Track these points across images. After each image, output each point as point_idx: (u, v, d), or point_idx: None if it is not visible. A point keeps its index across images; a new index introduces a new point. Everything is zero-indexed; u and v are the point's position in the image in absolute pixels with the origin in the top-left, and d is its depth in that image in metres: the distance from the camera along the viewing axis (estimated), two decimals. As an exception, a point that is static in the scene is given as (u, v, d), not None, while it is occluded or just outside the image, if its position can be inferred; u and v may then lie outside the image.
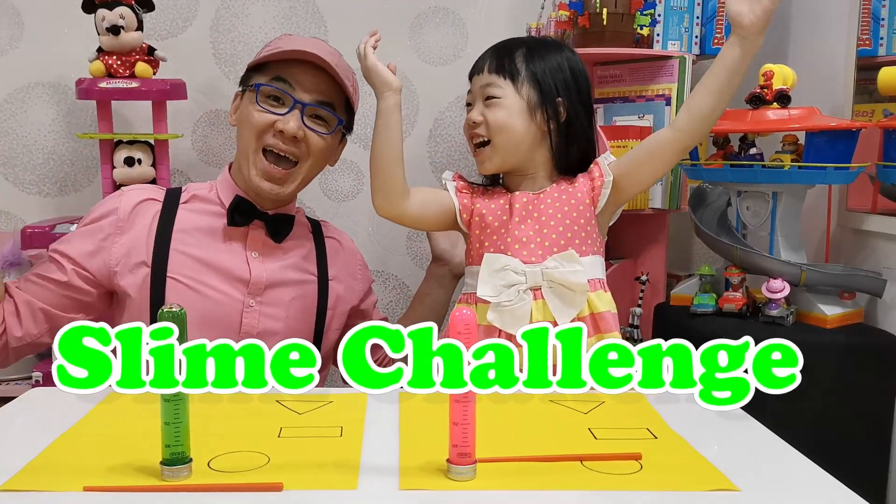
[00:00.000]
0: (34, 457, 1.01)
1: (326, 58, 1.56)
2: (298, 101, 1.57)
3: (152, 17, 2.23)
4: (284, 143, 1.57)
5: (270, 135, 1.57)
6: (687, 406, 1.30)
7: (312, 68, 1.58)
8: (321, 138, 1.60)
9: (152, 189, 1.66)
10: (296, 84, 1.57)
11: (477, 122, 1.50)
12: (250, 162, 1.59)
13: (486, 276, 1.49)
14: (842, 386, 1.72)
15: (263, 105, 1.57)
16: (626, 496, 0.94)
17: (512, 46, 1.54)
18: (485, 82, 1.51)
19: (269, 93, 1.58)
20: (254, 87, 1.59)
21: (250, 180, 1.59)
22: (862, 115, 1.97)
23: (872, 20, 1.95)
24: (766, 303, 1.80)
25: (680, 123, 1.43)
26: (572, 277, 1.46)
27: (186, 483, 0.94)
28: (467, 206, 1.56)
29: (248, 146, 1.59)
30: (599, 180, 1.51)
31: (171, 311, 0.93)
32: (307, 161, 1.61)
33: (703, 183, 2.06)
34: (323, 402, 1.26)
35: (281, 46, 1.59)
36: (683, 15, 2.22)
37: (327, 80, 1.59)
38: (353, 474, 0.97)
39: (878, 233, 1.92)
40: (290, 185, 1.61)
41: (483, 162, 1.52)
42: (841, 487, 0.98)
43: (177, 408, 0.94)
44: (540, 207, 1.50)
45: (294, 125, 1.55)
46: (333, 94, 1.61)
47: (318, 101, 1.59)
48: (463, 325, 0.93)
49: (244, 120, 1.61)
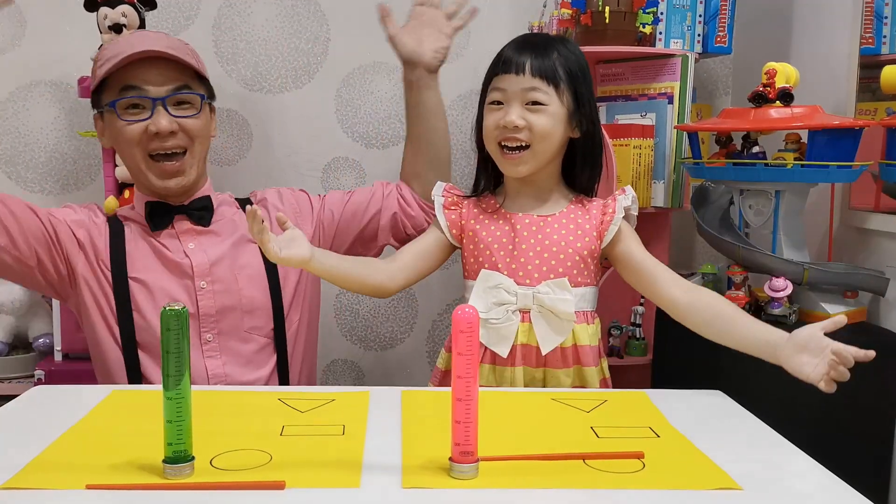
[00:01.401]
0: (36, 455, 1.01)
1: (158, 46, 1.58)
2: (156, 98, 1.58)
3: (154, 15, 2.23)
4: (166, 142, 1.59)
5: (148, 140, 1.59)
6: (689, 404, 1.30)
7: (151, 63, 1.59)
8: (194, 119, 1.63)
9: (89, 207, 1.71)
10: (145, 84, 1.58)
11: (519, 127, 1.46)
12: (145, 172, 1.62)
13: (479, 292, 1.50)
14: (844, 384, 1.70)
15: (128, 118, 1.59)
16: (628, 495, 0.94)
17: (546, 46, 1.49)
18: (528, 85, 1.46)
19: (126, 104, 1.59)
20: (110, 107, 1.60)
21: (154, 186, 1.63)
22: (865, 113, 1.97)
23: (875, 18, 1.95)
24: (768, 301, 1.79)
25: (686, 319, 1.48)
26: (560, 306, 1.46)
27: (189, 481, 0.94)
28: (456, 222, 1.57)
29: (135, 160, 1.62)
30: (610, 216, 1.52)
31: (173, 310, 0.93)
32: (194, 144, 1.63)
33: (706, 181, 2.06)
34: (325, 400, 1.26)
35: (111, 58, 1.59)
36: (686, 13, 2.22)
37: (170, 66, 1.60)
38: (356, 473, 0.97)
39: (881, 231, 1.91)
40: (191, 171, 1.64)
41: (518, 165, 1.49)
42: (843, 486, 0.98)
43: (179, 406, 0.94)
44: (546, 231, 1.51)
45: (165, 122, 1.58)
46: (183, 76, 1.62)
47: (173, 89, 1.60)
48: (466, 324, 0.93)
49: (118, 139, 1.62)
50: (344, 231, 1.82)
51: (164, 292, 1.60)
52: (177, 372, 0.93)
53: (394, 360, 2.55)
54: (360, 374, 2.54)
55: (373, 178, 2.43)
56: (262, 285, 1.67)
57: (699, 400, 1.34)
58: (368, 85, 2.44)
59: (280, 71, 2.40)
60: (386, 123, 2.45)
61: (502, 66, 1.49)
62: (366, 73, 2.43)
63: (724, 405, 1.31)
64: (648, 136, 2.17)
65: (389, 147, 2.46)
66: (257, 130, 2.41)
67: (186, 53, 1.63)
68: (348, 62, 2.42)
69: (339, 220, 1.82)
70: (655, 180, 2.20)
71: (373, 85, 2.44)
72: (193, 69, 1.64)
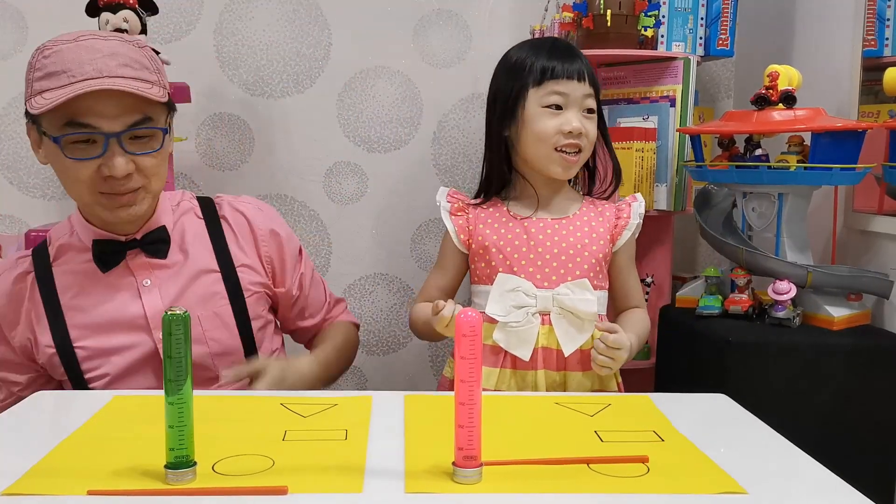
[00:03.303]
0: (38, 461, 1.00)
1: (113, 74, 1.33)
2: (111, 135, 1.34)
3: (156, 21, 2.23)
4: (120, 185, 1.38)
5: (101, 180, 1.37)
6: (694, 408, 1.30)
7: (107, 90, 1.32)
8: (153, 157, 1.40)
9: (17, 264, 1.52)
10: (96, 118, 1.33)
11: (582, 133, 1.52)
12: (92, 205, 1.43)
13: (496, 296, 1.51)
14: (849, 388, 1.71)
15: (74, 156, 1.35)
16: (632, 499, 0.93)
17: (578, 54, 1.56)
18: (587, 92, 1.53)
19: (73, 140, 1.34)
20: (53, 141, 1.35)
21: (102, 217, 1.44)
22: (868, 115, 1.96)
23: (878, 20, 1.94)
24: (772, 304, 1.79)
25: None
26: (582, 306, 1.48)
27: (191, 487, 0.93)
28: (463, 227, 1.58)
29: (83, 197, 1.42)
30: (625, 221, 1.55)
31: (175, 315, 0.93)
32: (150, 183, 1.43)
33: (709, 184, 2.06)
34: (328, 404, 1.26)
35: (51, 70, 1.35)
36: (688, 16, 2.21)
37: (129, 94, 1.34)
38: (359, 477, 0.96)
39: (884, 234, 1.91)
40: (143, 203, 1.44)
41: (570, 168, 1.55)
42: (849, 489, 0.97)
43: (181, 411, 0.93)
44: (562, 233, 1.53)
45: (121, 164, 1.35)
46: (143, 104, 1.37)
47: (130, 124, 1.36)
48: (468, 328, 0.92)
49: (61, 171, 1.40)
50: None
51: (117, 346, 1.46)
52: (178, 377, 0.93)
53: (396, 366, 2.55)
54: (362, 378, 2.54)
55: (375, 183, 2.45)
56: (228, 323, 1.52)
57: (703, 404, 1.33)
58: (370, 89, 2.44)
59: (282, 75, 2.40)
60: (388, 128, 2.45)
61: (564, 73, 1.51)
62: (367, 77, 2.43)
63: (728, 409, 1.31)
64: (651, 140, 2.17)
65: (391, 151, 2.46)
66: (259, 135, 2.41)
67: (146, 69, 1.38)
68: (350, 66, 2.42)
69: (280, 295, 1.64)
70: (658, 183, 2.19)
71: (375, 89, 2.44)
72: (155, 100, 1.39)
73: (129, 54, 1.37)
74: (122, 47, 1.38)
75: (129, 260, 1.49)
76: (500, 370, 1.50)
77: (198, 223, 1.57)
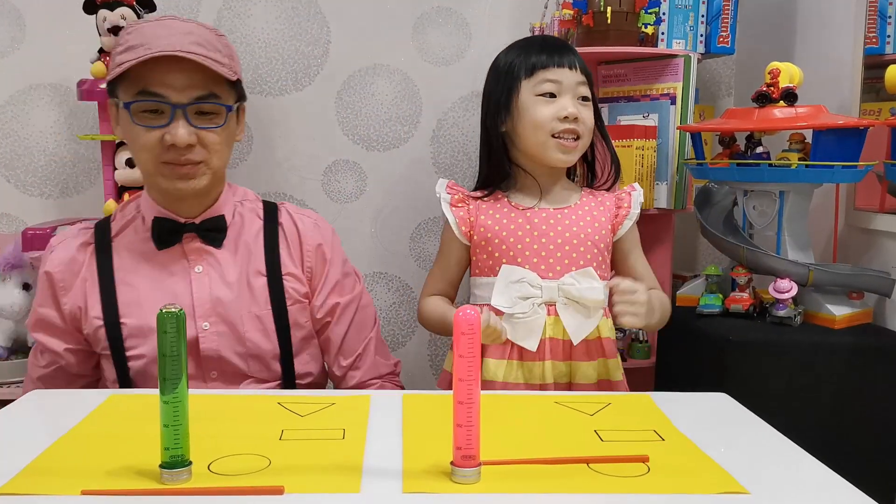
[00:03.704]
0: (32, 460, 0.99)
1: (185, 45, 1.39)
2: (177, 106, 1.40)
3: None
4: (181, 154, 1.43)
5: (163, 149, 1.42)
6: (694, 407, 1.29)
7: (177, 62, 1.39)
8: (216, 133, 1.46)
9: (80, 234, 1.55)
10: (165, 89, 1.40)
11: (577, 119, 1.52)
12: (155, 176, 1.46)
13: (501, 287, 1.50)
14: (850, 387, 1.70)
15: (142, 123, 1.42)
16: (633, 499, 0.92)
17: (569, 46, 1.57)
18: (580, 80, 1.54)
19: (143, 108, 1.42)
20: (124, 108, 1.43)
21: (163, 188, 1.47)
22: (869, 113, 1.96)
23: (879, 18, 1.94)
24: (773, 303, 1.78)
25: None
26: (588, 294, 1.48)
27: (186, 486, 0.93)
28: (465, 219, 1.58)
29: (147, 167, 1.46)
30: (626, 210, 1.55)
31: (170, 313, 0.92)
32: (211, 158, 1.46)
33: (709, 182, 2.05)
34: (325, 404, 1.25)
35: (131, 47, 1.40)
36: (688, 13, 2.21)
37: (199, 69, 1.41)
38: (356, 477, 0.95)
39: (886, 232, 1.90)
40: (203, 178, 1.47)
41: (569, 153, 1.54)
42: (850, 489, 0.96)
43: (176, 410, 0.92)
44: (565, 223, 1.53)
45: (184, 134, 1.41)
46: (211, 83, 1.43)
47: (197, 97, 1.42)
48: (467, 326, 0.92)
49: (131, 139, 1.46)
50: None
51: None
52: (173, 375, 0.92)
53: (395, 364, 2.54)
54: (361, 377, 2.52)
55: (373, 181, 2.44)
56: (268, 328, 1.53)
57: (704, 403, 1.32)
58: (369, 87, 2.43)
59: (280, 73, 2.39)
60: (387, 126, 2.44)
61: (555, 61, 1.53)
62: (366, 75, 2.42)
63: (729, 408, 1.30)
64: (651, 137, 2.16)
65: (390, 150, 2.45)
66: (258, 133, 2.40)
67: (218, 52, 1.44)
68: (349, 65, 2.41)
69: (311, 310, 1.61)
70: (658, 181, 2.18)
71: (373, 87, 2.43)
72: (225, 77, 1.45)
73: (205, 35, 1.44)
74: (199, 29, 1.45)
75: (185, 244, 1.52)
76: (507, 362, 1.50)
77: (257, 224, 1.58)
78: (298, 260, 1.58)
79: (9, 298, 2.12)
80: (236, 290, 1.52)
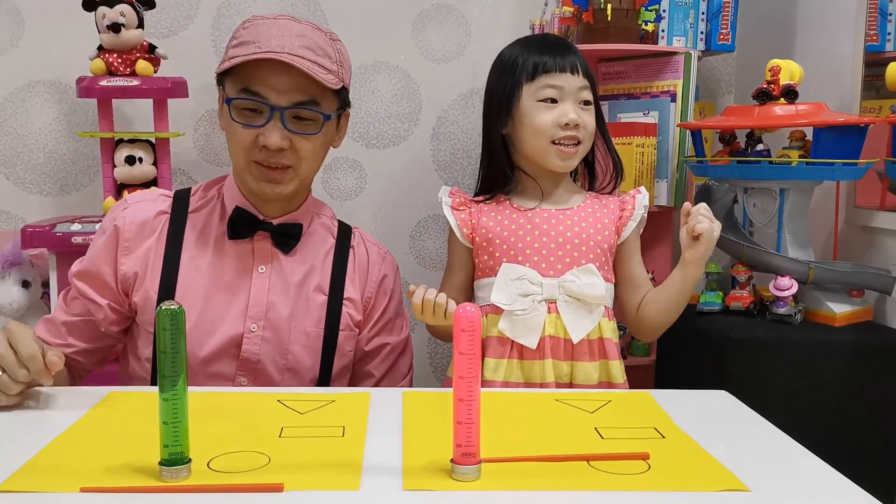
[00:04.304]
0: (31, 457, 0.99)
1: (296, 52, 1.40)
2: (275, 108, 1.41)
3: (153, 15, 2.22)
4: (272, 157, 1.43)
5: (256, 150, 1.43)
6: (695, 405, 1.29)
7: (283, 64, 1.39)
8: (309, 139, 1.45)
9: (158, 200, 1.54)
10: (267, 90, 1.41)
11: (579, 125, 1.51)
12: (244, 172, 1.47)
13: (501, 285, 1.50)
14: (851, 384, 1.70)
15: (240, 120, 1.43)
16: (633, 497, 0.92)
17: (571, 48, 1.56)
18: (582, 85, 1.52)
19: (243, 106, 1.43)
20: (226, 103, 1.45)
21: (249, 186, 1.48)
22: (870, 111, 1.95)
23: (880, 15, 1.93)
24: (773, 301, 1.78)
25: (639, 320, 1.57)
26: (589, 290, 1.48)
27: (185, 484, 0.92)
28: (466, 221, 1.57)
29: (239, 161, 1.47)
30: (630, 212, 1.55)
31: (169, 310, 0.91)
32: (300, 164, 1.46)
33: (710, 180, 2.04)
34: (325, 401, 1.25)
35: (243, 42, 1.42)
36: (689, 10, 2.21)
37: (303, 74, 1.40)
38: (356, 475, 0.95)
39: (886, 230, 1.90)
40: (290, 184, 1.47)
41: (570, 158, 1.53)
42: (851, 486, 0.96)
43: (175, 407, 0.92)
44: (566, 223, 1.52)
45: (277, 137, 1.41)
46: (313, 88, 1.42)
47: (296, 102, 1.42)
48: (467, 323, 0.91)
49: (229, 133, 1.48)
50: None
51: (212, 306, 1.46)
52: (173, 373, 0.92)
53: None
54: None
55: (373, 179, 2.44)
56: (315, 346, 1.51)
57: (704, 400, 1.32)
58: (369, 84, 2.43)
59: (280, 71, 2.38)
60: (387, 123, 2.44)
61: (556, 66, 1.51)
62: (366, 72, 2.42)
63: (729, 405, 1.30)
64: (651, 135, 2.16)
65: (390, 147, 2.45)
66: (257, 130, 2.39)
67: (328, 57, 1.43)
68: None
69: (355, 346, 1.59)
70: (658, 179, 2.18)
71: (373, 85, 2.43)
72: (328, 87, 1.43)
73: (316, 40, 1.44)
74: (312, 33, 1.44)
75: (256, 241, 1.51)
76: (507, 361, 1.49)
77: (329, 241, 1.58)
78: (361, 287, 1.58)
79: (8, 296, 2.12)
80: (292, 301, 1.50)
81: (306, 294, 1.51)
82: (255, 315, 1.47)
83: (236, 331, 1.47)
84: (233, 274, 1.49)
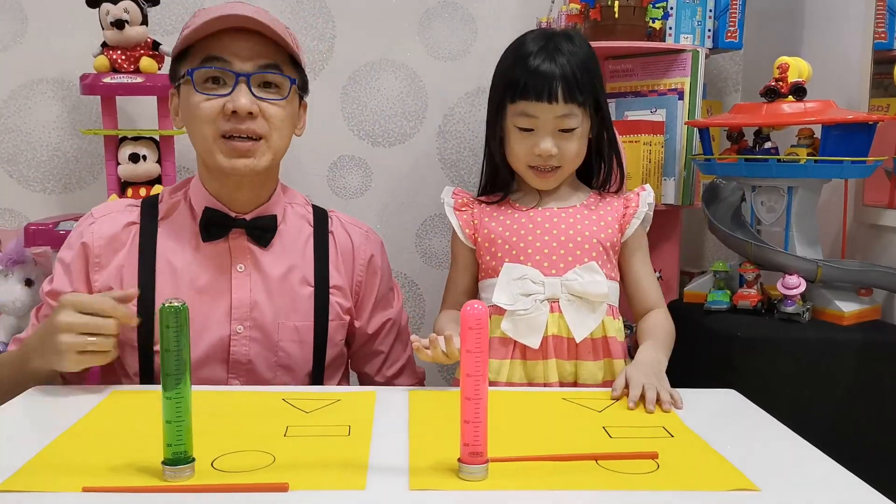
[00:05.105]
0: (33, 456, 0.99)
1: (253, 16, 1.37)
2: (240, 74, 1.38)
3: (157, 12, 2.21)
4: (241, 124, 1.38)
5: (224, 119, 1.38)
6: (703, 404, 1.28)
7: (243, 34, 1.39)
8: (278, 106, 1.42)
9: (126, 211, 1.50)
10: (230, 56, 1.38)
11: (553, 155, 1.48)
12: (212, 151, 1.41)
13: (503, 284, 1.49)
14: (859, 383, 1.68)
15: (204, 91, 1.39)
16: (642, 496, 0.91)
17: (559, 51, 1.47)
18: (560, 113, 1.46)
19: (206, 76, 1.39)
20: (187, 75, 1.40)
21: (221, 166, 1.41)
22: (878, 108, 1.94)
23: (888, 13, 1.92)
24: (781, 299, 1.77)
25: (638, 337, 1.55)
26: (592, 288, 1.47)
27: (189, 483, 0.92)
28: (468, 222, 1.57)
29: (205, 139, 1.41)
30: (633, 209, 1.53)
31: (172, 307, 0.91)
32: (272, 134, 1.42)
33: (717, 178, 2.04)
34: (330, 400, 1.24)
35: (197, 22, 1.39)
36: (696, 8, 2.19)
37: (264, 42, 1.40)
38: (362, 474, 0.94)
39: (894, 228, 1.89)
40: (262, 157, 1.42)
41: (548, 181, 1.52)
42: (862, 485, 0.96)
43: (179, 406, 0.91)
44: (569, 221, 1.51)
45: (245, 100, 1.37)
46: (276, 55, 1.42)
47: (261, 66, 1.40)
48: (474, 321, 0.90)
49: (190, 115, 1.42)
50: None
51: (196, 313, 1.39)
52: (176, 371, 0.91)
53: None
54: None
55: (379, 177, 2.43)
56: (306, 341, 1.49)
57: (713, 399, 1.31)
58: (375, 82, 2.42)
59: (285, 68, 2.38)
60: (392, 121, 2.43)
61: (533, 94, 1.45)
62: (372, 70, 2.41)
63: (738, 404, 1.29)
64: (659, 133, 2.15)
65: (396, 145, 2.44)
66: (262, 128, 2.39)
67: (284, 32, 1.42)
68: (354, 59, 2.40)
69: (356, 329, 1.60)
70: (666, 177, 2.17)
71: (379, 82, 2.42)
72: (289, 52, 1.43)
73: (272, 17, 1.43)
74: (266, 14, 1.42)
75: (232, 240, 1.48)
76: (510, 361, 1.48)
77: (307, 230, 1.55)
78: (348, 274, 1.56)
79: (11, 294, 2.11)
80: (276, 296, 1.48)
81: (290, 288, 1.49)
82: (239, 316, 1.45)
83: (222, 334, 1.45)
84: (212, 276, 1.46)
